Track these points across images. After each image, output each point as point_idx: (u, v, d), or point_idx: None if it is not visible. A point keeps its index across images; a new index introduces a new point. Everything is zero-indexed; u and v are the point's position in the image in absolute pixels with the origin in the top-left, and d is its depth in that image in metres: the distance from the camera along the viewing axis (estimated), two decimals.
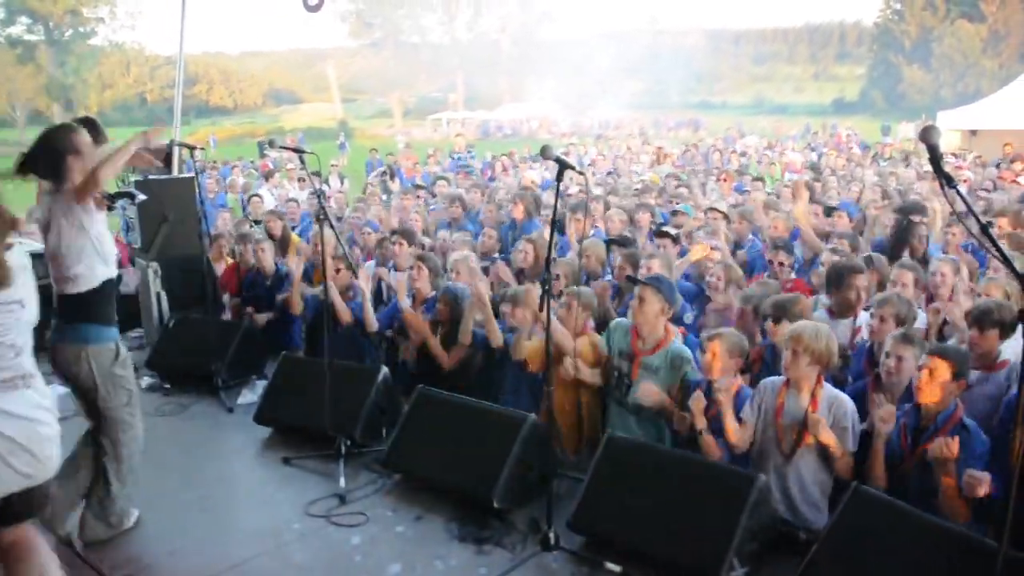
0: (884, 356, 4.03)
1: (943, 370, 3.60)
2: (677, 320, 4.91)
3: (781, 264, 5.93)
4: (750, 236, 7.31)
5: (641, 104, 57.61)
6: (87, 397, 3.91)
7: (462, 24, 64.46)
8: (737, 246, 7.11)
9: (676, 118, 47.65)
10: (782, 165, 15.79)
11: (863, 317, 4.84)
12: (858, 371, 4.48)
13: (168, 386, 6.21)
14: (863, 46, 70.12)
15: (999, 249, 2.54)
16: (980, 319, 4.16)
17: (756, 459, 4.02)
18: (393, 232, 7.14)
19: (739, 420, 3.97)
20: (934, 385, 3.61)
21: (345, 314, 5.81)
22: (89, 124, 4.01)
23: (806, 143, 22.25)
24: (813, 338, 3.82)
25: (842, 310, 4.95)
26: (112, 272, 3.92)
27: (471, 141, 29.71)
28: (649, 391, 4.31)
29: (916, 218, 6.50)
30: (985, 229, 2.56)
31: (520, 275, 6.04)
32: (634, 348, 4.55)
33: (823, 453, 3.81)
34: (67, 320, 3.84)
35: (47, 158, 3.73)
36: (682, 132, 37.83)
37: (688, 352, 4.48)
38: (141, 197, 5.59)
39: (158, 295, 6.97)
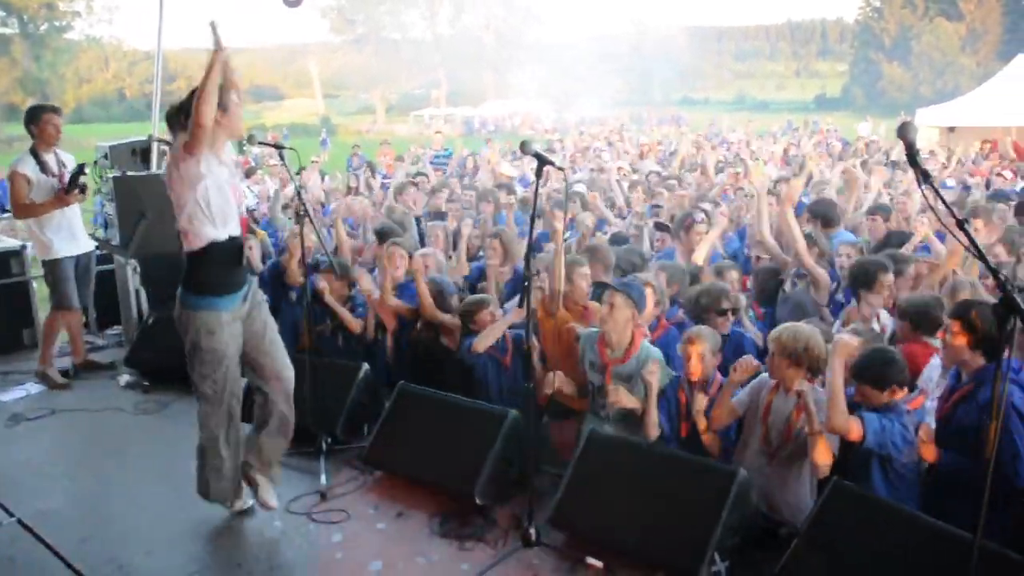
0: None
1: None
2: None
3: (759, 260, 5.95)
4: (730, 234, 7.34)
5: (624, 101, 57.74)
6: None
7: (444, 20, 64.32)
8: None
9: (659, 115, 47.74)
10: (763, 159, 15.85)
11: (885, 317, 4.73)
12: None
13: (147, 384, 6.15)
14: (844, 43, 70.69)
15: (975, 244, 2.56)
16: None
17: (739, 452, 4.05)
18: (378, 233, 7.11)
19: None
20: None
21: (353, 324, 5.81)
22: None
23: (788, 140, 22.32)
24: (791, 339, 3.82)
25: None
26: (221, 235, 3.75)
27: (454, 137, 29.67)
28: (618, 396, 4.20)
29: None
30: (961, 225, 2.58)
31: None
32: (603, 358, 4.39)
33: (806, 452, 3.81)
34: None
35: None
36: (664, 129, 37.91)
37: (658, 353, 4.35)
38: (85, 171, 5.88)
39: (137, 292, 6.92)
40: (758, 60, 78.45)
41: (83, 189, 6.09)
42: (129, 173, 6.76)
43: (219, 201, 3.70)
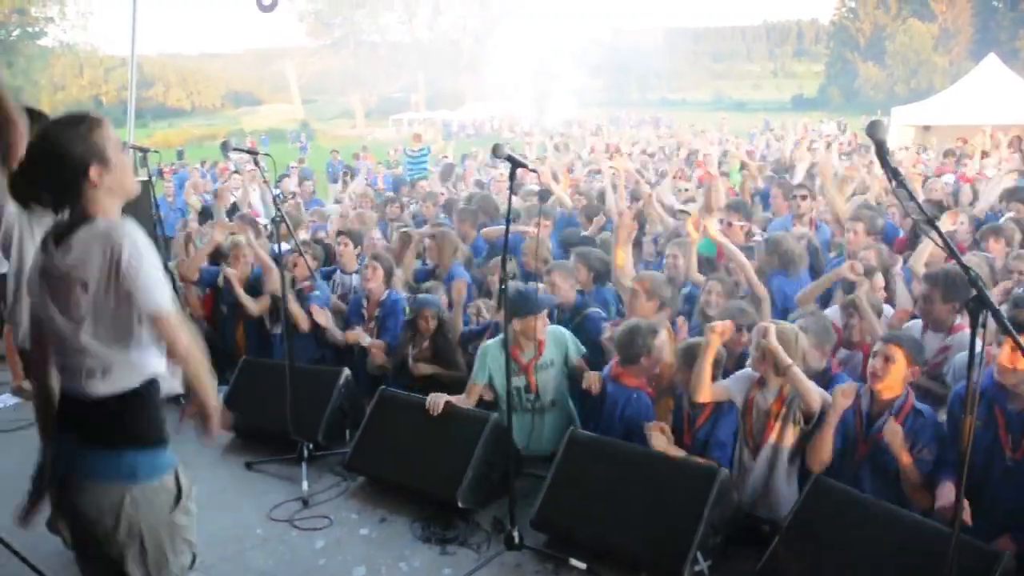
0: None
1: (899, 357, 3.65)
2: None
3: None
4: None
5: (602, 102, 57.92)
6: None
7: (422, 23, 64.23)
8: None
9: (637, 115, 47.91)
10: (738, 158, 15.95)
11: (957, 336, 4.36)
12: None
13: None
14: (820, 44, 71.29)
15: (946, 242, 2.59)
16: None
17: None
18: (339, 233, 7.06)
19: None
20: (889, 372, 3.66)
21: (303, 321, 5.72)
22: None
23: (765, 140, 22.47)
24: (772, 341, 3.83)
25: (935, 323, 4.46)
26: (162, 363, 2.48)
27: (432, 141, 29.60)
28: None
29: None
30: (931, 222, 2.61)
31: (432, 273, 6.12)
32: (519, 361, 4.58)
33: (788, 445, 3.86)
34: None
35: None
36: (643, 130, 38.05)
37: (560, 329, 4.74)
38: None
39: None
40: (735, 61, 78.97)
41: None
42: None
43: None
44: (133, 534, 2.33)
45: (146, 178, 6.98)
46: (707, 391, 3.97)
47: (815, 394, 3.71)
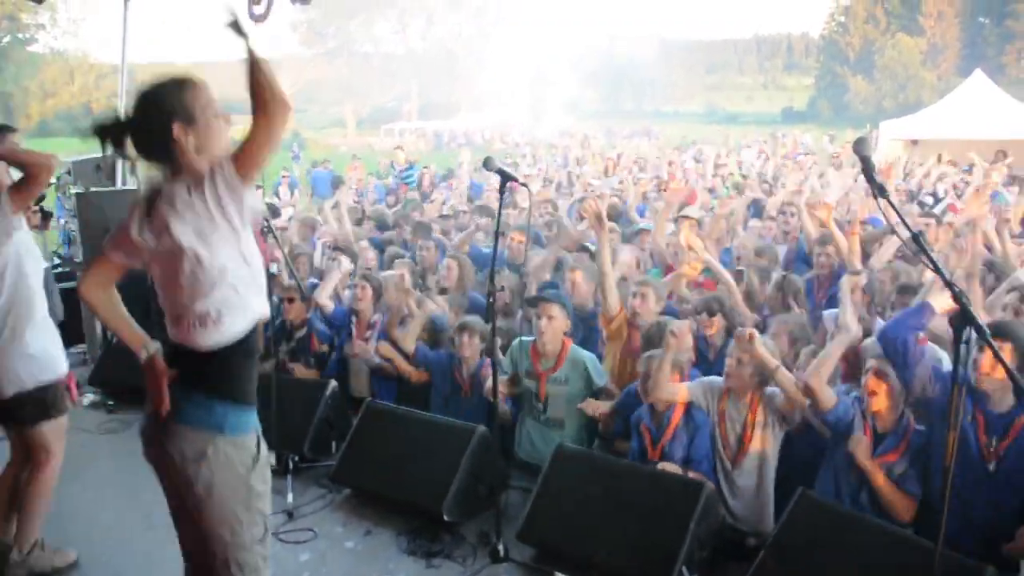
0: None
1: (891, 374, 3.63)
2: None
3: None
4: None
5: (596, 112, 58.12)
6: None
7: (415, 33, 64.33)
8: None
9: (630, 127, 48.06)
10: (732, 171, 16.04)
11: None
12: None
13: (112, 403, 6.07)
14: (810, 57, 71.76)
15: (930, 258, 2.60)
16: None
17: None
18: (334, 248, 7.04)
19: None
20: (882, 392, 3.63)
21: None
22: None
23: (757, 152, 22.58)
24: (758, 347, 3.86)
25: None
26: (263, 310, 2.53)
27: (425, 151, 29.66)
28: (594, 406, 4.39)
29: None
30: (916, 238, 2.62)
31: (443, 294, 5.98)
32: (536, 368, 4.64)
33: (765, 458, 3.87)
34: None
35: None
36: (635, 141, 38.15)
37: (586, 353, 4.65)
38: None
39: None
40: (727, 73, 79.41)
41: (47, 216, 5.88)
42: (93, 189, 6.68)
43: (258, 263, 2.49)
44: (209, 487, 2.37)
45: (135, 186, 7.01)
46: (665, 390, 3.97)
47: (801, 398, 3.72)
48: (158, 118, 2.33)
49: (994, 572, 2.92)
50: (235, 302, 2.37)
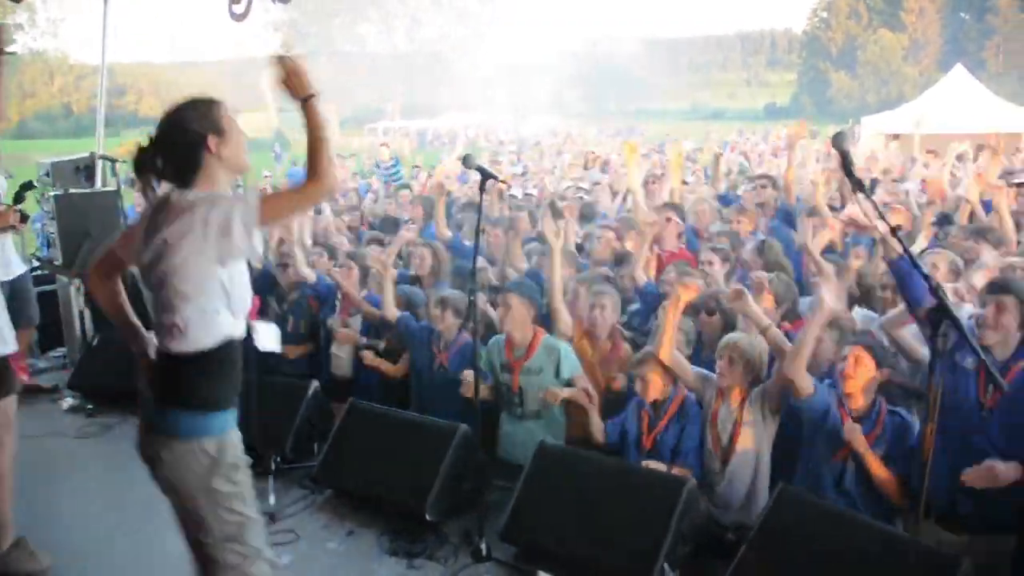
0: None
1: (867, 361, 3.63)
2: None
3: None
4: None
5: (579, 112, 58.18)
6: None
7: (400, 34, 64.29)
8: None
9: (615, 125, 48.12)
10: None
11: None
12: None
13: (91, 407, 6.01)
14: (793, 53, 72.08)
15: (907, 250, 2.61)
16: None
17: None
18: (317, 243, 7.02)
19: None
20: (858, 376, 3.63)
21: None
22: None
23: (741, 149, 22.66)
24: (748, 347, 3.88)
25: None
26: (238, 328, 2.61)
27: (409, 151, 29.60)
28: (553, 395, 4.33)
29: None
30: (894, 232, 2.63)
31: (416, 282, 5.90)
32: (509, 359, 4.58)
33: (757, 455, 3.87)
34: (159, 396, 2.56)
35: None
36: (620, 139, 38.16)
37: (563, 344, 4.55)
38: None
39: (81, 313, 6.75)
40: (710, 70, 79.68)
41: (24, 219, 5.80)
42: (72, 191, 6.61)
43: (241, 292, 2.59)
44: (171, 489, 2.52)
45: (115, 188, 6.96)
46: (668, 351, 3.97)
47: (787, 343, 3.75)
48: (195, 133, 2.50)
49: (970, 564, 2.93)
50: (203, 320, 2.47)
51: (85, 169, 6.86)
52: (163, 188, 2.57)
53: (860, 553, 3.18)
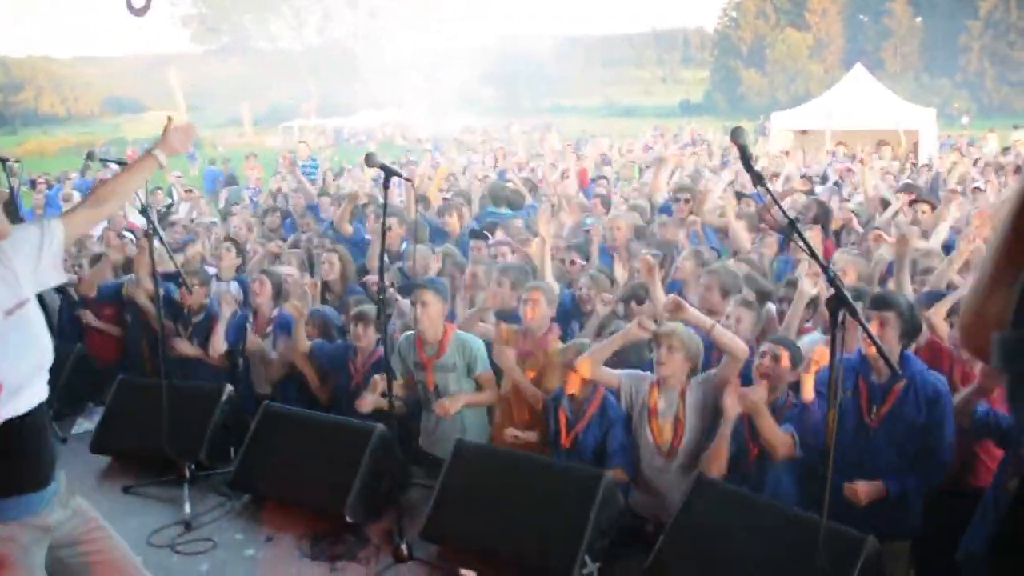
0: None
1: (784, 359, 3.73)
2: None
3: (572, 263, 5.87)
4: None
5: (493, 109, 58.23)
6: None
7: (312, 30, 63.15)
8: None
9: (530, 122, 48.35)
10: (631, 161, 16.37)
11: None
12: None
13: None
14: (705, 51, 73.69)
15: (806, 242, 2.71)
16: None
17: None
18: (227, 239, 6.87)
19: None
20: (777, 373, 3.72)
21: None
22: None
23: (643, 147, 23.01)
24: (687, 336, 3.84)
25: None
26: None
27: (323, 148, 29.13)
28: (445, 407, 4.33)
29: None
30: (793, 224, 2.72)
31: (325, 288, 5.83)
32: (421, 357, 4.51)
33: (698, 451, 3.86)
34: None
35: None
36: (536, 136, 38.35)
37: (475, 340, 4.54)
38: None
39: None
40: (624, 67, 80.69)
41: None
42: None
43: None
44: None
45: (7, 188, 6.64)
46: (590, 367, 3.91)
47: (742, 345, 3.75)
48: None
49: (874, 541, 3.07)
50: None
51: None
52: None
53: (772, 535, 3.30)
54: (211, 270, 6.32)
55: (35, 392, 2.39)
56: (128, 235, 7.27)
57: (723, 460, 3.69)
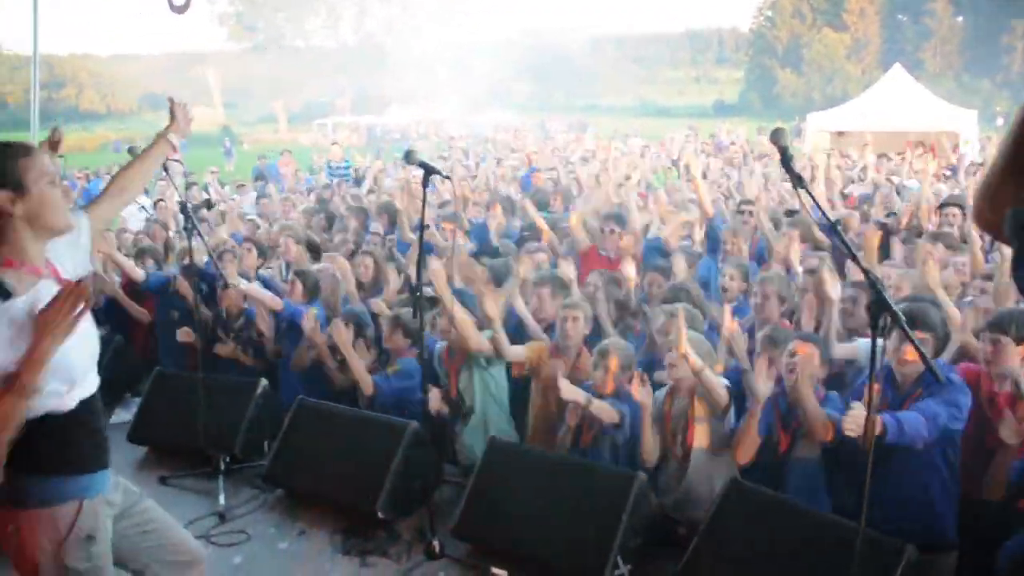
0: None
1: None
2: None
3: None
4: None
5: (527, 107, 58.14)
6: None
7: (347, 27, 63.50)
8: None
9: (566, 121, 48.20)
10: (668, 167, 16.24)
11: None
12: None
13: None
14: (740, 51, 73.04)
15: (847, 246, 2.67)
16: None
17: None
18: (246, 240, 6.90)
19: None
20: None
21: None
22: None
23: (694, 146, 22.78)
24: (698, 342, 3.85)
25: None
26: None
27: (358, 146, 29.28)
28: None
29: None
30: (834, 227, 2.69)
31: (360, 288, 5.76)
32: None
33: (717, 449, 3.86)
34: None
35: None
36: (572, 135, 38.21)
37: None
38: None
39: None
40: (659, 67, 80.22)
41: None
42: None
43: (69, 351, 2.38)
44: (19, 566, 2.27)
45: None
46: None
47: (721, 390, 3.73)
48: None
49: (914, 550, 3.02)
50: None
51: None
52: None
53: (808, 542, 3.25)
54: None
55: (95, 377, 2.48)
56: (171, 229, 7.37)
57: (751, 445, 3.68)
